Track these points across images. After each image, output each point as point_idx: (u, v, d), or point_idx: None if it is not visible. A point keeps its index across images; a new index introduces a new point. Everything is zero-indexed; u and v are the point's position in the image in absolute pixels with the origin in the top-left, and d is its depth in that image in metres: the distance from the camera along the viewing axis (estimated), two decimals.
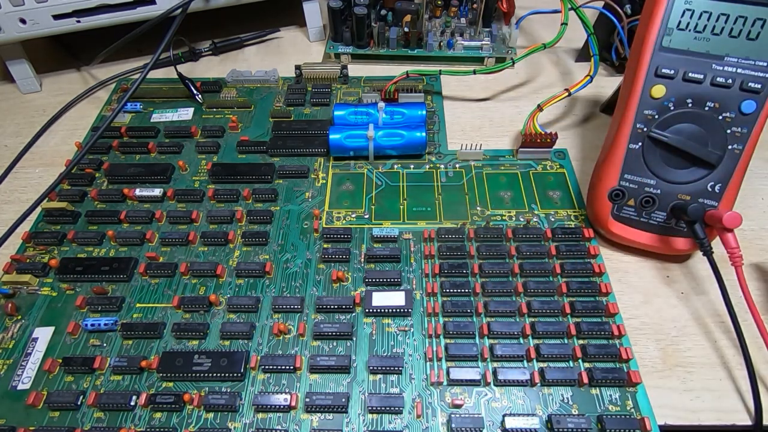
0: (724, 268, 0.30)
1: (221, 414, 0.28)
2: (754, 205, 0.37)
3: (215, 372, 0.28)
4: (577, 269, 0.32)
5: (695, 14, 0.30)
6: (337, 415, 0.27)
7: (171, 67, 0.46)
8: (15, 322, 0.32)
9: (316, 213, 0.36)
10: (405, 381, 0.28)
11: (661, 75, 0.31)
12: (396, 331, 0.30)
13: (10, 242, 0.34)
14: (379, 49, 0.48)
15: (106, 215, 0.36)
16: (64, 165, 0.39)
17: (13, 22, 0.42)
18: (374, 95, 0.43)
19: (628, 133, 0.32)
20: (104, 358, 0.29)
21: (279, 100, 0.45)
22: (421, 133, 0.38)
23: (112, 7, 0.43)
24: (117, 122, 0.43)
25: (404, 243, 0.34)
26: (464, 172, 0.39)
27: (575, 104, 0.45)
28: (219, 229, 0.36)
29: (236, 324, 0.30)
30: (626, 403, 0.27)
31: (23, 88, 0.48)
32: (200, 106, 0.45)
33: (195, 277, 0.33)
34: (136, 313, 0.32)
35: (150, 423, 0.27)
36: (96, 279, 0.33)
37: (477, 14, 0.48)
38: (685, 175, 0.31)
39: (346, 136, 0.38)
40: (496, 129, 0.43)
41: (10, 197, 0.40)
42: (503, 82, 0.47)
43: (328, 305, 0.31)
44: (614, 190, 0.33)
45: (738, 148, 0.31)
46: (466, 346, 0.29)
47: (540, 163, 0.39)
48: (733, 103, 0.30)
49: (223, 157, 0.41)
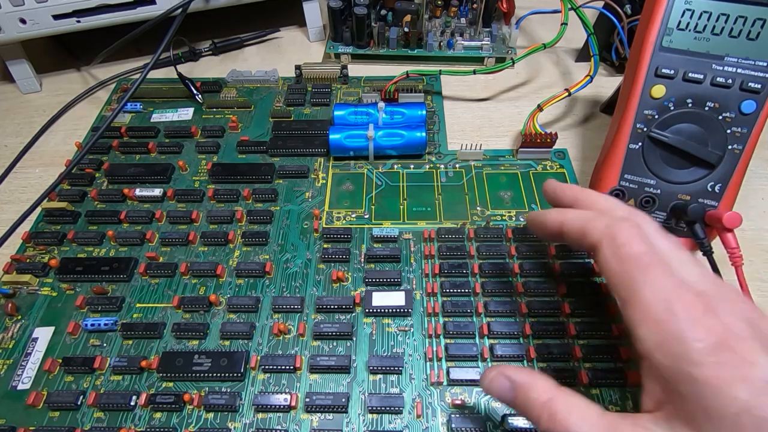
0: (724, 268, 0.30)
1: (221, 414, 0.28)
2: (754, 205, 0.37)
3: (215, 372, 0.28)
4: (577, 269, 0.32)
5: (695, 14, 0.30)
6: (337, 415, 0.27)
7: (171, 67, 0.46)
8: (15, 322, 0.32)
9: (316, 213, 0.36)
10: (405, 381, 0.28)
11: (661, 75, 0.31)
12: (396, 331, 0.30)
13: (10, 242, 0.34)
14: (379, 49, 0.48)
15: (106, 215, 0.36)
16: (64, 165, 0.39)
17: (13, 22, 0.42)
18: (374, 95, 0.43)
19: (628, 133, 0.32)
20: (104, 358, 0.29)
21: (279, 100, 0.45)
22: (421, 133, 0.38)
23: (112, 7, 0.43)
24: (117, 122, 0.43)
25: (404, 243, 0.34)
26: (464, 172, 0.39)
27: (575, 104, 0.45)
28: (219, 229, 0.36)
29: (236, 324, 0.30)
30: (626, 403, 0.27)
31: (23, 88, 0.48)
32: (200, 106, 0.45)
33: (195, 277, 0.33)
34: (136, 313, 0.32)
35: (150, 423, 0.27)
36: (96, 279, 0.33)
37: (477, 14, 0.48)
38: (685, 175, 0.31)
39: (346, 136, 0.38)
40: (496, 129, 0.43)
41: (10, 197, 0.40)
42: (503, 82, 0.47)
43: (328, 305, 0.31)
44: (614, 190, 0.33)
45: (738, 148, 0.31)
46: (466, 346, 0.29)
47: (540, 163, 0.39)
48: (733, 103, 0.30)
49: (223, 157, 0.41)
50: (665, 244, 0.21)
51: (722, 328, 0.18)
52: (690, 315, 0.18)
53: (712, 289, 0.20)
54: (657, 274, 0.19)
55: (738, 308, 0.19)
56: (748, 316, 0.19)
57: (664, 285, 0.19)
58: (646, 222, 0.22)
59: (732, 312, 0.18)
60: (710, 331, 0.18)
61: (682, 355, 0.17)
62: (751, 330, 0.18)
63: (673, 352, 0.18)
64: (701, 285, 0.20)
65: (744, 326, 0.18)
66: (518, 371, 0.22)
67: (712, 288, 0.20)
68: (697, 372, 0.17)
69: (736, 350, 0.17)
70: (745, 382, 0.17)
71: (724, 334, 0.17)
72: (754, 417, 0.16)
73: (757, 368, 0.17)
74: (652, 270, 0.20)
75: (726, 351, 0.17)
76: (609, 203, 0.24)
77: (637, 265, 0.20)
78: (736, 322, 0.18)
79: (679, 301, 0.18)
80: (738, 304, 0.19)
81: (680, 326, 0.18)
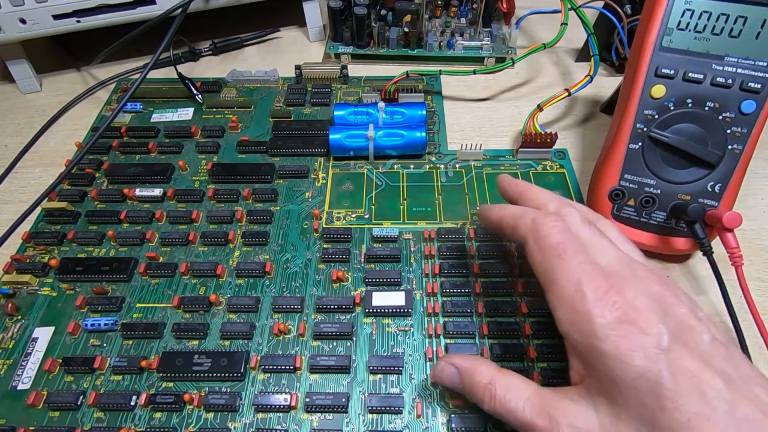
0: (724, 268, 0.30)
1: (221, 414, 0.28)
2: (754, 205, 0.37)
3: (215, 372, 0.28)
4: None
5: (695, 14, 0.30)
6: (337, 415, 0.27)
7: (171, 67, 0.46)
8: (15, 322, 0.32)
9: (316, 213, 0.36)
10: (405, 381, 0.28)
11: (661, 75, 0.31)
12: (396, 331, 0.30)
13: (10, 242, 0.34)
14: (379, 49, 0.48)
15: (106, 215, 0.36)
16: (64, 165, 0.39)
17: (13, 22, 0.42)
18: (374, 95, 0.43)
19: (628, 133, 0.32)
20: (104, 358, 0.29)
21: (279, 100, 0.45)
22: (421, 133, 0.38)
23: (112, 7, 0.43)
24: (117, 122, 0.43)
25: (404, 243, 0.34)
26: (464, 172, 0.39)
27: (575, 104, 0.45)
28: (219, 229, 0.36)
29: (236, 324, 0.30)
30: None
31: (23, 88, 0.48)
32: (200, 106, 0.45)
33: (195, 277, 0.33)
34: (136, 313, 0.32)
35: (150, 423, 0.27)
36: (96, 279, 0.33)
37: (477, 14, 0.48)
38: (685, 175, 0.31)
39: (346, 136, 0.38)
40: (496, 129, 0.43)
41: (10, 197, 0.40)
42: (503, 82, 0.47)
43: (328, 305, 0.31)
44: (614, 190, 0.33)
45: (738, 148, 0.31)
46: (466, 346, 0.29)
47: (540, 163, 0.39)
48: (733, 103, 0.30)
49: (223, 157, 0.41)
50: (586, 233, 0.23)
51: (625, 303, 0.19)
52: (596, 295, 0.20)
53: (623, 269, 0.21)
54: (571, 260, 0.21)
55: (643, 285, 0.21)
56: (652, 291, 0.20)
57: (576, 269, 0.21)
58: (571, 214, 0.24)
59: (637, 289, 0.20)
60: (613, 308, 0.19)
61: (589, 332, 0.19)
62: (652, 303, 0.20)
63: (583, 329, 0.20)
64: (613, 267, 0.21)
65: (646, 300, 0.20)
66: (463, 358, 0.25)
67: (622, 269, 0.21)
68: (602, 346, 0.19)
69: (635, 323, 0.19)
70: (640, 351, 0.18)
71: (625, 309, 0.19)
72: (648, 381, 0.18)
73: (652, 337, 0.19)
74: (567, 257, 0.22)
75: (626, 324, 0.19)
76: (544, 198, 0.26)
77: (553, 253, 0.22)
78: (639, 297, 0.20)
79: (589, 282, 0.20)
80: (644, 281, 0.21)
81: (587, 306, 0.20)
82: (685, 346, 0.19)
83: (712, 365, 0.18)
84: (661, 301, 0.20)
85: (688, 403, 0.17)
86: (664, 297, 0.20)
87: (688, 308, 0.20)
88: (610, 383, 0.19)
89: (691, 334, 0.19)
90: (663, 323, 0.19)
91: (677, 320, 0.19)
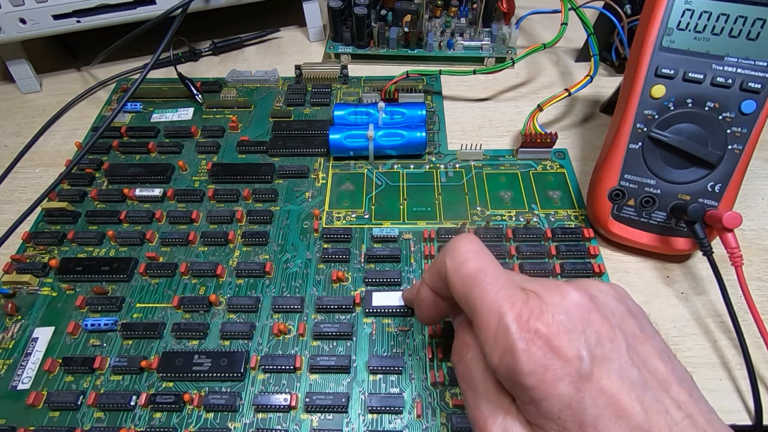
0: (724, 268, 0.30)
1: (221, 414, 0.28)
2: (754, 205, 0.37)
3: (215, 372, 0.28)
4: (577, 269, 0.32)
5: (695, 14, 0.30)
6: (337, 415, 0.27)
7: (171, 67, 0.46)
8: (15, 322, 0.32)
9: (316, 213, 0.36)
10: (405, 381, 0.28)
11: (661, 75, 0.31)
12: (396, 331, 0.30)
13: (10, 242, 0.34)
14: (379, 49, 0.48)
15: (106, 215, 0.36)
16: (64, 165, 0.39)
17: (13, 22, 0.42)
18: (374, 95, 0.43)
19: (628, 133, 0.32)
20: (104, 358, 0.29)
21: (279, 100, 0.45)
22: (421, 133, 0.38)
23: (112, 7, 0.43)
24: (117, 122, 0.43)
25: (404, 243, 0.34)
26: (464, 172, 0.39)
27: (575, 104, 0.45)
28: (219, 229, 0.36)
29: (236, 324, 0.30)
30: None
31: (23, 88, 0.48)
32: (200, 106, 0.45)
33: (195, 277, 0.33)
34: (136, 313, 0.32)
35: (150, 423, 0.27)
36: (96, 279, 0.33)
37: (477, 14, 0.48)
38: (685, 175, 0.31)
39: (346, 136, 0.38)
40: (496, 129, 0.43)
41: (10, 197, 0.40)
42: (503, 82, 0.47)
43: (328, 305, 0.31)
44: (614, 190, 0.33)
45: (738, 148, 0.31)
46: None
47: (540, 163, 0.39)
48: (733, 103, 0.30)
49: (223, 157, 0.41)
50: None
51: (546, 330, 0.18)
52: (518, 325, 0.18)
53: (536, 285, 0.20)
54: (487, 286, 0.20)
55: (561, 301, 0.19)
56: (569, 303, 0.19)
57: (494, 297, 0.19)
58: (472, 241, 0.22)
59: (556, 307, 0.19)
60: (534, 338, 0.18)
61: (515, 368, 0.18)
62: (570, 321, 0.19)
63: (509, 365, 0.18)
64: (528, 283, 0.20)
65: (564, 319, 0.19)
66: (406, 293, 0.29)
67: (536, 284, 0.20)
68: (527, 381, 0.18)
69: (557, 351, 0.18)
70: (563, 380, 0.18)
71: (547, 335, 0.18)
72: (572, 411, 0.17)
73: (573, 365, 0.18)
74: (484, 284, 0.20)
75: (548, 353, 0.18)
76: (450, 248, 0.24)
77: (472, 282, 0.20)
78: (558, 317, 0.19)
79: (510, 311, 0.19)
80: (559, 297, 0.19)
81: (510, 341, 0.18)
82: (604, 362, 0.18)
83: (628, 380, 0.18)
84: (580, 313, 0.19)
85: (608, 426, 0.17)
86: (580, 306, 0.19)
87: (600, 314, 0.19)
88: (539, 416, 0.18)
89: (611, 345, 0.19)
90: (583, 342, 0.18)
91: (596, 332, 0.19)
